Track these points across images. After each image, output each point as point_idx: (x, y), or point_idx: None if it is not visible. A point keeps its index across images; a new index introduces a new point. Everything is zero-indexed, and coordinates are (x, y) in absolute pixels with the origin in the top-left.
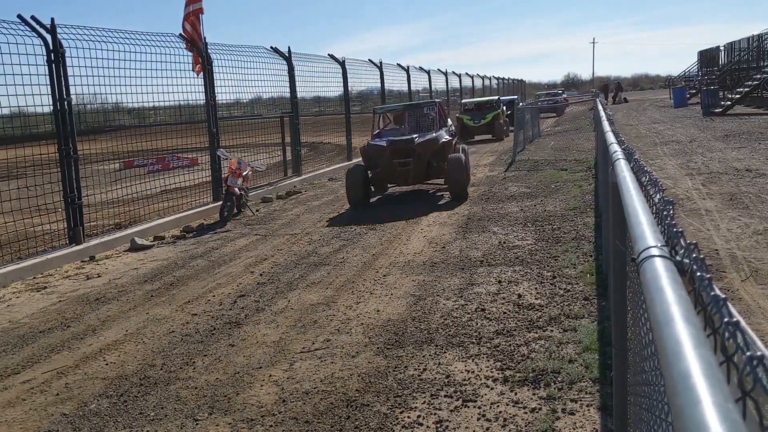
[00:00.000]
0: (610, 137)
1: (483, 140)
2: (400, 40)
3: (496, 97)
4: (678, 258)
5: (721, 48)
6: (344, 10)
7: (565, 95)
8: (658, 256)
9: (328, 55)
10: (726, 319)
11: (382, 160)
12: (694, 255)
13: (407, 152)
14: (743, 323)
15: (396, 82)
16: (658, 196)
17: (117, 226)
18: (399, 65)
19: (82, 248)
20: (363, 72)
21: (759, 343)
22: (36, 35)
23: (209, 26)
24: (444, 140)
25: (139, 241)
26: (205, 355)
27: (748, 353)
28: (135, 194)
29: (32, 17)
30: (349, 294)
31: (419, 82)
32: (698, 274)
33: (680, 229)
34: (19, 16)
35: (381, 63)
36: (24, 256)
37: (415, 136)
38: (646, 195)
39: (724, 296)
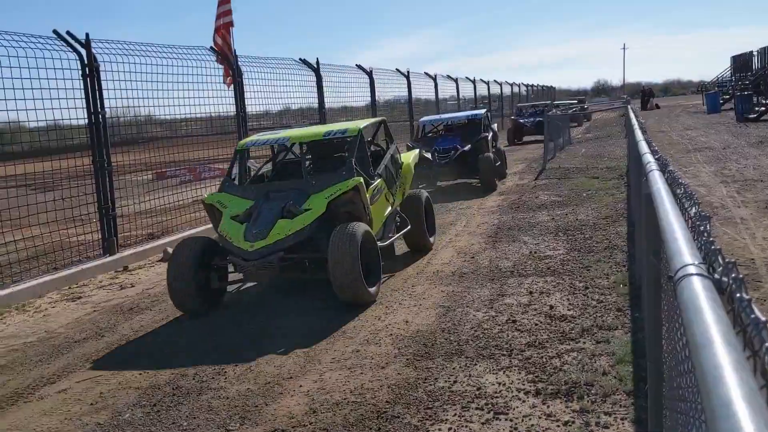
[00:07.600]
0: (644, 147)
1: None
2: (427, 46)
3: (373, 121)
4: (716, 276)
5: (755, 53)
6: (371, 18)
7: (584, 105)
8: (696, 274)
9: (356, 65)
10: (767, 344)
11: None
12: (733, 275)
13: None
14: None
15: (423, 91)
16: (693, 210)
17: (150, 237)
18: (426, 74)
19: (116, 258)
20: (390, 81)
21: None
22: (71, 50)
23: (237, 37)
24: None
25: (172, 251)
26: (236, 365)
27: None
28: (167, 205)
29: (67, 32)
30: (377, 304)
31: (446, 90)
32: (738, 295)
33: (718, 246)
34: (55, 32)
35: (408, 72)
36: (59, 267)
37: None
38: (681, 208)
39: (765, 319)
